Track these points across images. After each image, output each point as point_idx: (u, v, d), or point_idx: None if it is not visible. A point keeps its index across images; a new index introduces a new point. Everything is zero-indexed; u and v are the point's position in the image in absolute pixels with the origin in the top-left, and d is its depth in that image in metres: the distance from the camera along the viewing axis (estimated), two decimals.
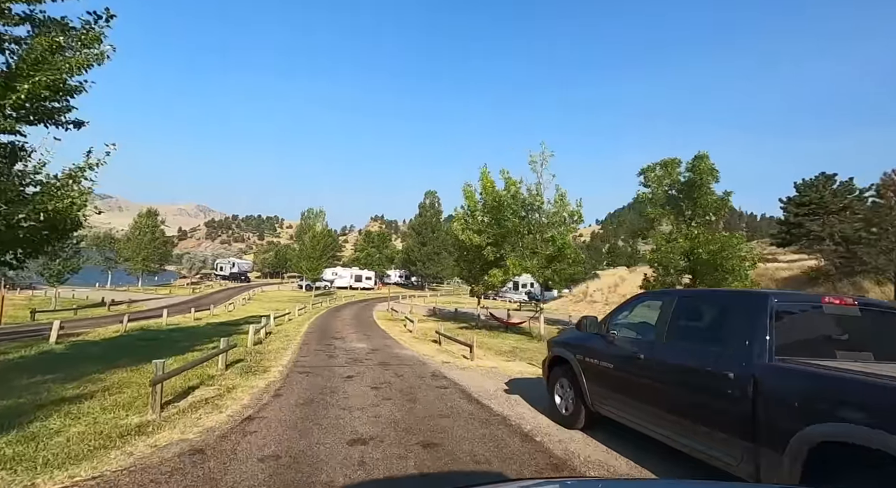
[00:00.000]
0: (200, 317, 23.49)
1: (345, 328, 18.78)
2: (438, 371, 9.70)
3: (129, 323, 18.17)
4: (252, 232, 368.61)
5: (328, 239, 49.56)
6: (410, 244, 74.98)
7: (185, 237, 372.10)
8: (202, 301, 35.23)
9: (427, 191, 76.21)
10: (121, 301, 29.70)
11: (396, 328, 19.75)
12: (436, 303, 42.33)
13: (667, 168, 15.72)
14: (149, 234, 51.20)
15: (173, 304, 31.32)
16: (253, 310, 29.82)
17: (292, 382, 8.08)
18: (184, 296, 40.90)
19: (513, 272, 15.57)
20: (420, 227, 73.23)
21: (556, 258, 15.18)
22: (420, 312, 29.90)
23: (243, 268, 72.76)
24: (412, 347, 13.65)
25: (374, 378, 8.65)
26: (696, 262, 14.40)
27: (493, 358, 12.39)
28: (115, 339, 14.04)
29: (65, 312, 22.38)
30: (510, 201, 16.37)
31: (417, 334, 17.30)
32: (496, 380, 8.98)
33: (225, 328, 18.48)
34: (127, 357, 10.98)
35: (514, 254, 16.38)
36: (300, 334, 16.01)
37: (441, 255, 75.35)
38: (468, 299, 53.71)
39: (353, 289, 64.53)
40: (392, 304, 33.09)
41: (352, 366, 9.85)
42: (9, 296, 33.07)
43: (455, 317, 26.89)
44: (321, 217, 47.95)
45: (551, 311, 35.04)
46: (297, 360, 10.55)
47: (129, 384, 7.93)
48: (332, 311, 28.91)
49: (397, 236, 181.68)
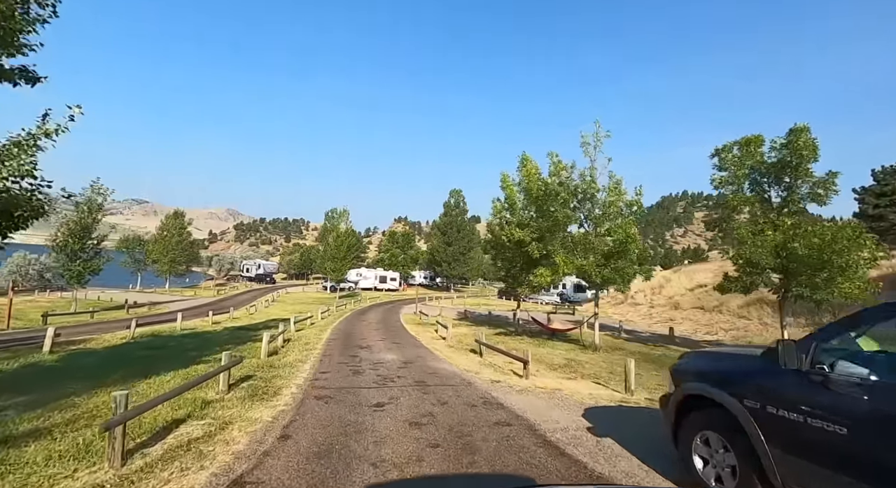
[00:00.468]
0: (219, 320, 22.22)
1: (371, 334, 16.99)
2: (490, 394, 7.67)
3: (143, 327, 16.93)
4: (279, 234, 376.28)
5: (352, 239, 48.23)
6: (436, 244, 73.26)
7: (215, 240, 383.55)
8: (225, 303, 34.34)
9: (452, 190, 74.29)
10: (143, 303, 28.99)
11: (427, 334, 17.82)
12: (464, 304, 40.31)
13: (748, 147, 13.17)
14: (176, 236, 51.25)
15: (195, 307, 30.44)
16: (275, 312, 28.56)
17: (306, 414, 6.21)
18: (208, 297, 40.31)
19: (563, 271, 13.38)
20: (445, 227, 71.38)
21: (616, 254, 12.88)
22: (450, 315, 27.94)
23: (269, 269, 72.64)
24: (450, 359, 11.66)
25: (411, 407, 6.69)
26: (790, 259, 11.82)
27: (550, 374, 10.25)
28: (118, 347, 12.64)
29: (82, 315, 21.53)
30: (559, 189, 14.18)
31: (452, 342, 15.31)
32: (569, 411, 6.87)
33: (242, 333, 17.02)
34: (123, 370, 9.44)
35: (564, 250, 14.17)
36: (322, 342, 14.28)
37: (467, 255, 73.36)
38: (497, 301, 51.37)
39: (378, 290, 63.25)
40: (420, 307, 31.25)
41: (382, 388, 7.92)
42: (37, 297, 33.04)
43: (489, 320, 24.77)
44: (345, 216, 46.69)
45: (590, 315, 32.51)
46: (316, 378, 8.71)
47: (102, 413, 6.23)
48: (357, 314, 27.30)
49: (420, 237, 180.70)
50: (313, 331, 17.16)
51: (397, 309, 33.59)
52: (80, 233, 24.21)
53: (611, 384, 9.39)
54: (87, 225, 24.66)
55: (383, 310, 32.28)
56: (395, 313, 29.44)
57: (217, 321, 21.74)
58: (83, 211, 24.60)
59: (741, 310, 23.33)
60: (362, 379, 8.65)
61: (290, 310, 30.41)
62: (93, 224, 24.93)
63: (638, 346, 16.22)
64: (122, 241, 58.18)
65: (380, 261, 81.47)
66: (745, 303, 23.24)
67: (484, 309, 35.94)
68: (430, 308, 32.34)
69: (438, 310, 29.28)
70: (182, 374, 8.91)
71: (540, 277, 13.97)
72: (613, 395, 8.19)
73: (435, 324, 20.47)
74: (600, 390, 8.66)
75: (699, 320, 24.97)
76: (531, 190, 14.57)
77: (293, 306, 34.08)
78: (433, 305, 37.43)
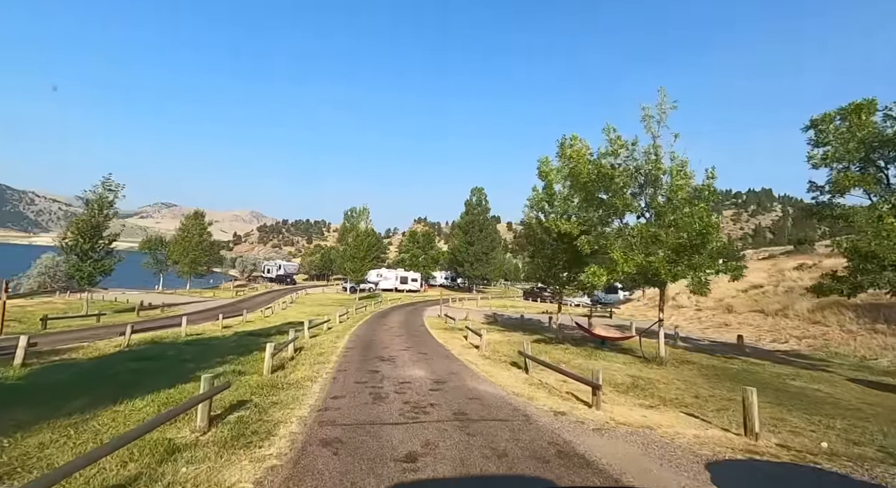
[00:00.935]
0: (231, 324, 20.71)
1: (393, 341, 15.03)
2: (560, 437, 5.54)
3: (145, 333, 15.46)
4: (301, 236, 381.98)
5: (372, 238, 46.71)
6: (457, 244, 71.13)
7: (239, 241, 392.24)
8: (242, 305, 33.13)
9: (473, 188, 72.00)
10: (158, 305, 27.91)
11: (457, 341, 15.75)
12: (490, 306, 38.08)
13: (856, 116, 10.60)
14: (196, 236, 50.73)
15: (210, 309, 29.22)
16: (292, 315, 27.03)
17: (305, 476, 4.22)
18: (226, 299, 39.31)
19: (623, 269, 11.08)
20: (467, 226, 69.11)
21: (690, 248, 10.53)
22: (477, 319, 25.80)
23: (289, 270, 71.99)
24: (490, 377, 9.55)
25: (455, 462, 4.62)
26: None
27: (623, 400, 8.01)
28: (106, 358, 11.04)
29: (88, 318, 20.37)
30: (612, 172, 11.89)
31: (487, 351, 13.20)
32: (684, 470, 4.68)
33: (251, 340, 15.33)
34: (97, 390, 7.72)
35: (621, 243, 11.88)
36: (337, 351, 12.39)
37: (490, 255, 71.00)
38: (524, 302, 48.82)
39: (399, 291, 61.61)
40: (444, 309, 29.20)
41: (411, 425, 5.88)
42: (55, 299, 32.50)
43: (522, 325, 22.50)
44: (365, 215, 45.14)
45: (627, 318, 29.77)
46: (326, 406, 6.75)
47: (29, 464, 4.42)
48: (378, 317, 25.47)
49: (440, 238, 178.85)
50: (329, 338, 15.34)
51: (420, 311, 31.65)
52: (90, 232, 23.16)
53: (709, 415, 7.12)
54: (98, 223, 23.61)
55: (405, 312, 30.40)
56: (418, 316, 27.49)
57: (228, 325, 20.22)
58: (93, 208, 23.56)
59: (813, 315, 20.36)
60: (384, 410, 6.63)
61: (307, 312, 28.88)
62: (104, 222, 23.87)
63: (705, 358, 13.75)
64: (144, 242, 58.33)
65: (400, 261, 79.93)
66: (818, 307, 20.28)
67: (512, 311, 33.65)
68: (454, 310, 30.32)
69: (464, 312, 27.21)
70: (162, 398, 7.10)
71: (592, 277, 11.70)
72: (728, 438, 5.92)
73: (464, 329, 18.41)
74: (704, 429, 6.40)
75: (761, 325, 22.08)
76: (579, 174, 12.31)
77: (311, 308, 32.59)
78: (457, 307, 35.37)
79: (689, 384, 9.82)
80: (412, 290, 63.85)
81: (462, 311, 29.46)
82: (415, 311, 31.33)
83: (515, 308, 37.45)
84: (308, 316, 26.14)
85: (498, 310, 35.06)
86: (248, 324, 21.14)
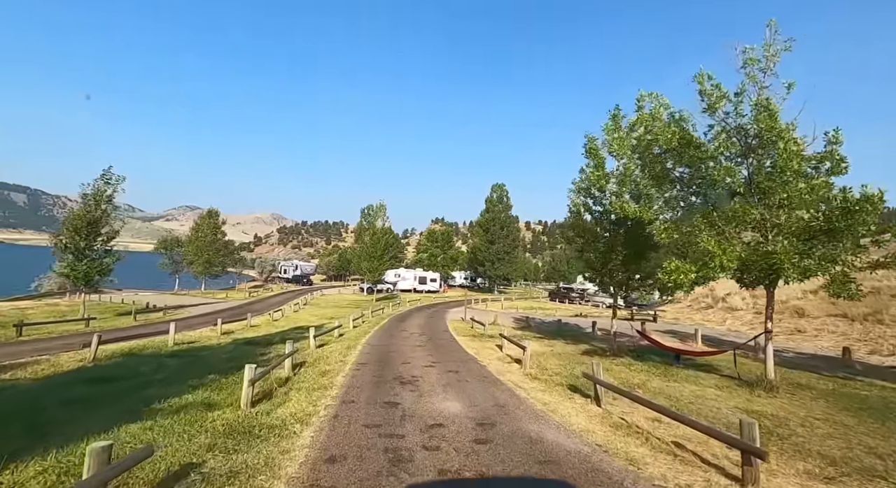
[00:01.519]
0: (233, 329, 18.52)
1: (415, 353, 12.45)
2: None
3: (129, 342, 13.32)
4: (320, 236, 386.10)
5: (389, 236, 44.36)
6: (478, 243, 68.34)
7: (259, 243, 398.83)
8: (253, 306, 31.20)
9: (494, 185, 69.12)
10: (163, 307, 26.10)
11: (490, 352, 13.07)
12: (517, 308, 35.19)
13: None
14: (209, 235, 49.41)
15: (217, 311, 27.30)
16: (303, 318, 24.81)
17: None
18: (238, 300, 37.57)
19: (722, 262, 8.21)
20: (488, 224, 66.22)
21: (831, 232, 7.59)
22: (506, 322, 23.05)
23: (306, 270, 70.51)
24: (553, 413, 6.85)
25: None
26: None
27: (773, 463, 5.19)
28: (58, 377, 8.81)
29: (76, 324, 18.45)
30: (695, 139, 9.03)
31: (532, 368, 10.48)
32: None
33: (248, 350, 13.02)
34: None
35: (713, 231, 9.00)
36: (346, 368, 9.88)
37: (512, 254, 67.95)
38: (550, 304, 45.60)
39: (417, 291, 59.23)
40: (468, 311, 26.52)
41: None
42: (60, 301, 31.14)
43: (560, 331, 19.61)
44: (382, 211, 42.79)
45: (673, 322, 26.51)
46: (316, 483, 4.18)
47: None
48: (396, 321, 22.98)
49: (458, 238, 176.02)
50: (338, 349, 12.85)
51: (441, 313, 29.05)
52: (86, 229, 21.36)
53: None
54: (95, 219, 21.80)
55: (426, 315, 27.84)
56: (440, 320, 24.90)
57: (229, 330, 18.02)
58: (90, 203, 21.77)
59: None
60: None
61: (319, 315, 26.66)
62: (102, 218, 22.06)
63: (814, 379, 10.68)
64: (160, 242, 57.58)
65: (418, 261, 77.62)
66: None
67: (541, 313, 30.74)
68: (478, 312, 27.63)
69: (490, 315, 24.50)
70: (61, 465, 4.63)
71: (676, 275, 8.83)
72: None
73: (496, 336, 15.72)
74: None
75: (847, 332, 18.66)
76: (655, 141, 9.47)
77: (325, 310, 30.40)
78: (481, 309, 32.66)
79: (836, 425, 6.90)
80: (431, 291, 61.40)
81: (487, 314, 26.72)
82: (436, 314, 28.76)
83: (544, 310, 34.51)
84: (320, 319, 23.87)
85: (526, 312, 32.19)
86: (251, 330, 18.92)
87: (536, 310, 33.64)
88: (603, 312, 35.72)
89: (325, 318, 24.34)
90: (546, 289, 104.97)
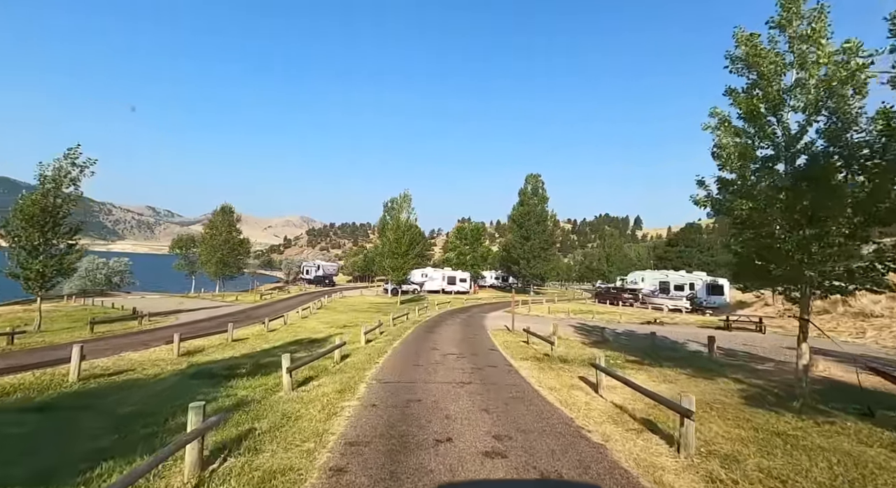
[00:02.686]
0: (204, 346, 13.78)
1: (456, 406, 7.14)
2: None
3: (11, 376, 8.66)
4: (347, 238, 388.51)
5: (415, 231, 39.30)
6: (511, 239, 62.53)
7: (289, 245, 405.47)
8: (258, 311, 26.87)
9: (528, 175, 63.19)
10: (148, 313, 21.94)
11: (580, 395, 7.66)
12: (568, 312, 29.33)
13: None
14: (224, 233, 45.85)
15: (212, 318, 23.05)
16: (308, 327, 20.02)
17: None
18: (247, 303, 33.47)
19: None
20: (522, 219, 60.32)
21: None
22: (567, 333, 17.50)
23: (328, 271, 66.68)
24: None
25: None
26: None
27: None
28: None
29: None
30: None
31: (716, 463, 5.00)
32: None
33: (196, 386, 8.09)
34: None
35: None
36: (325, 454, 4.74)
37: (548, 251, 61.76)
38: (602, 307, 39.13)
39: (446, 293, 54.16)
40: (515, 319, 21.04)
41: None
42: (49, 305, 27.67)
43: (656, 350, 13.78)
44: (406, 203, 37.71)
45: (789, 335, 20.23)
46: None
47: None
48: (423, 332, 17.82)
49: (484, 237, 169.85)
50: (330, 391, 7.72)
51: (479, 320, 23.72)
52: (42, 220, 17.25)
53: None
54: (55, 207, 17.67)
55: (460, 322, 22.61)
56: (479, 329, 19.58)
57: (197, 348, 13.29)
58: (48, 184, 17.65)
59: None
60: None
61: (330, 322, 21.85)
62: (62, 206, 17.91)
63: None
64: (175, 242, 54.86)
65: (446, 261, 72.38)
66: None
67: (598, 319, 24.91)
68: (522, 318, 22.24)
69: (541, 322, 19.05)
70: None
71: None
72: None
73: (575, 360, 10.30)
74: None
75: None
76: None
77: (340, 315, 25.64)
78: (523, 313, 27.11)
79: None
80: (460, 292, 56.17)
81: (536, 320, 21.23)
82: (471, 320, 23.45)
83: (598, 314, 28.51)
84: (329, 328, 19.04)
85: (580, 317, 26.40)
86: (230, 347, 14.14)
87: (591, 315, 27.74)
88: (675, 317, 29.44)
89: (337, 327, 19.51)
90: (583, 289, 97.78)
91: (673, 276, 39.35)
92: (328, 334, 16.77)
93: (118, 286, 50.17)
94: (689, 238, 51.94)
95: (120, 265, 51.34)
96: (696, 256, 50.40)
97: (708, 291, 35.57)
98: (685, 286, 37.57)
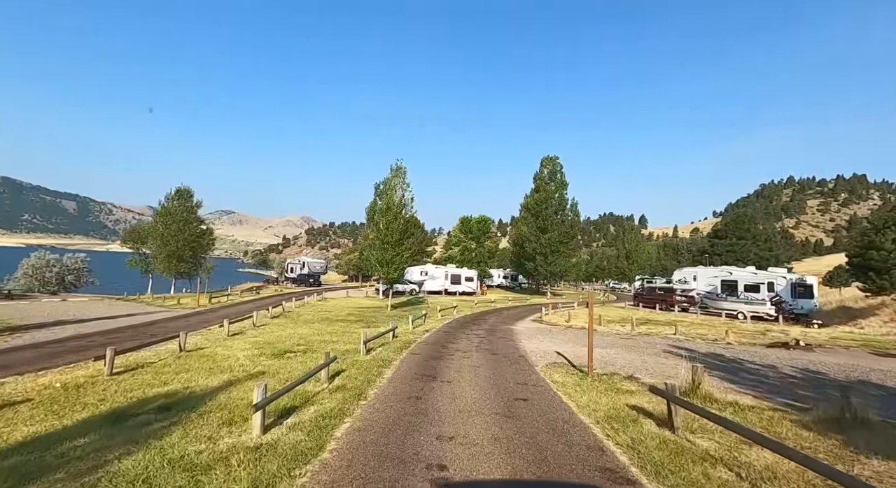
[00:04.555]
0: None
1: None
2: None
3: None
4: (347, 237, 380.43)
5: (411, 217, 30.56)
6: (525, 231, 53.80)
7: (288, 244, 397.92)
8: (190, 320, 18.50)
9: (544, 158, 54.63)
10: (20, 325, 13.52)
11: None
12: (633, 323, 20.54)
13: None
14: (177, 223, 37.29)
15: (112, 330, 14.77)
16: (221, 355, 11.44)
17: None
18: (185, 309, 25.06)
19: None
20: (538, 206, 51.75)
21: None
22: (661, 364, 8.98)
23: (315, 268, 58.33)
24: None
25: None
26: None
27: None
28: None
29: None
30: None
31: None
32: None
33: None
34: None
35: None
36: None
37: (568, 245, 53.18)
38: (649, 313, 30.38)
39: (450, 293, 45.87)
40: (591, 340, 12.54)
41: None
42: None
43: None
44: (400, 178, 29.22)
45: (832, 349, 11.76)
46: None
47: None
48: (425, 365, 9.38)
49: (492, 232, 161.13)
50: None
51: (509, 340, 15.26)
52: None
53: None
54: None
55: (479, 342, 14.19)
56: (519, 365, 11.15)
57: None
58: None
59: None
60: None
61: (272, 341, 13.22)
62: None
63: None
64: (128, 234, 46.47)
65: (448, 258, 63.86)
66: None
67: (671, 334, 16.51)
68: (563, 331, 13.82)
69: (642, 355, 10.77)
70: None
71: None
72: None
73: None
74: None
75: None
76: None
77: (299, 329, 17.16)
78: (559, 323, 18.65)
79: None
80: (467, 292, 47.84)
81: (597, 340, 12.89)
82: (497, 337, 15.03)
83: (656, 323, 19.93)
84: (258, 359, 10.56)
85: (653, 333, 17.88)
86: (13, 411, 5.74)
87: (656, 327, 19.20)
88: (807, 333, 20.94)
89: (276, 354, 11.13)
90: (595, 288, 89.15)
91: (739, 274, 30.94)
92: (256, 370, 8.44)
93: (73, 286, 42.08)
94: (743, 228, 43.27)
95: (75, 263, 42.91)
96: (751, 250, 41.79)
97: (793, 293, 27.07)
98: (760, 286, 29.09)
